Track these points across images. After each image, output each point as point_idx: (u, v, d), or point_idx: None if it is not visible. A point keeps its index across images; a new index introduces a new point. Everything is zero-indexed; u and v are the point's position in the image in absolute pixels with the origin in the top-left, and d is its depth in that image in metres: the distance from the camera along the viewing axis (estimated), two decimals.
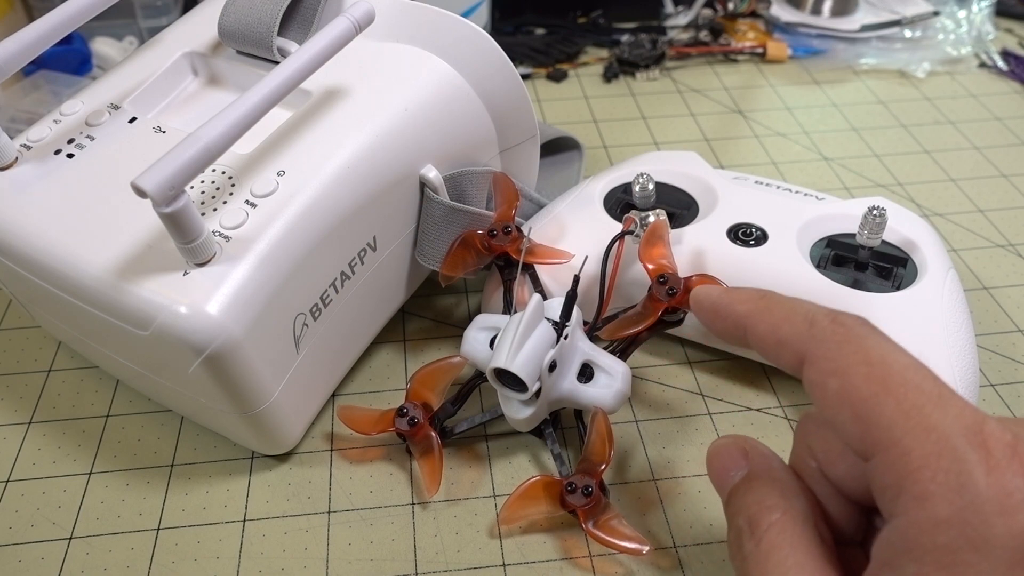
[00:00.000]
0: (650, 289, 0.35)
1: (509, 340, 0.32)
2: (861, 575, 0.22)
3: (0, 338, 0.43)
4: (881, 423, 0.20)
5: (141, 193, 0.27)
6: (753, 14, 0.71)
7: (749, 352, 0.41)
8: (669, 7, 0.71)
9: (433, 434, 0.35)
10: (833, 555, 0.22)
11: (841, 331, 0.22)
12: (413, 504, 0.36)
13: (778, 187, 0.43)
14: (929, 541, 0.19)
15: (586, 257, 0.37)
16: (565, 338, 0.34)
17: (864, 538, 0.25)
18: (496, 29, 0.68)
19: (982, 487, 0.18)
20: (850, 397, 0.21)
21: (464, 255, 0.38)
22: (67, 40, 0.45)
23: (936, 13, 0.68)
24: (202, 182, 0.33)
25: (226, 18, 0.37)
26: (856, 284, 0.38)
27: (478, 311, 0.44)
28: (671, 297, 0.35)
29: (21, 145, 0.36)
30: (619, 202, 0.43)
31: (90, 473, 0.37)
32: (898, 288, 0.38)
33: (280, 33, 0.37)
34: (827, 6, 0.69)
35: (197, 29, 0.40)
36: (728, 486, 0.25)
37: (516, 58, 0.65)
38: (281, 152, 0.34)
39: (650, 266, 0.36)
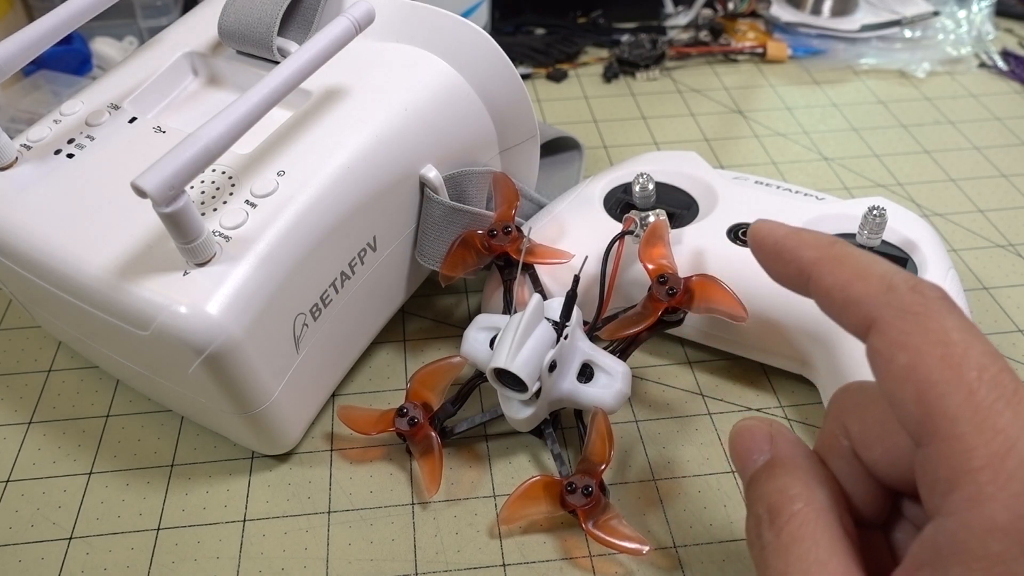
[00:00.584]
0: (650, 289, 0.35)
1: (509, 340, 0.32)
2: (882, 562, 0.21)
3: (0, 338, 0.43)
4: (947, 411, 0.19)
5: (141, 193, 0.27)
6: (753, 14, 0.71)
7: (749, 352, 0.41)
8: (669, 7, 0.71)
9: (433, 434, 0.35)
10: (856, 549, 0.21)
11: (920, 301, 0.20)
12: (413, 504, 0.36)
13: (778, 187, 0.43)
14: (980, 547, 0.18)
15: (586, 257, 0.37)
16: (565, 338, 0.34)
17: (887, 523, 0.24)
18: (496, 29, 0.68)
19: None
20: (918, 376, 0.19)
21: (464, 255, 0.38)
22: (67, 40, 0.45)
23: (936, 13, 0.68)
24: (202, 182, 0.33)
25: (226, 18, 0.37)
26: None
27: (478, 311, 0.44)
28: (671, 297, 0.35)
29: (21, 145, 0.36)
30: (619, 202, 0.43)
31: (90, 473, 0.37)
32: None
33: (280, 33, 0.37)
34: (827, 6, 0.69)
35: (197, 29, 0.40)
36: (750, 470, 0.23)
37: (516, 58, 0.65)
38: (281, 152, 0.34)
39: (650, 266, 0.36)
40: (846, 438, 0.23)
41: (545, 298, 0.36)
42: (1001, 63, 0.66)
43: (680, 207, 0.43)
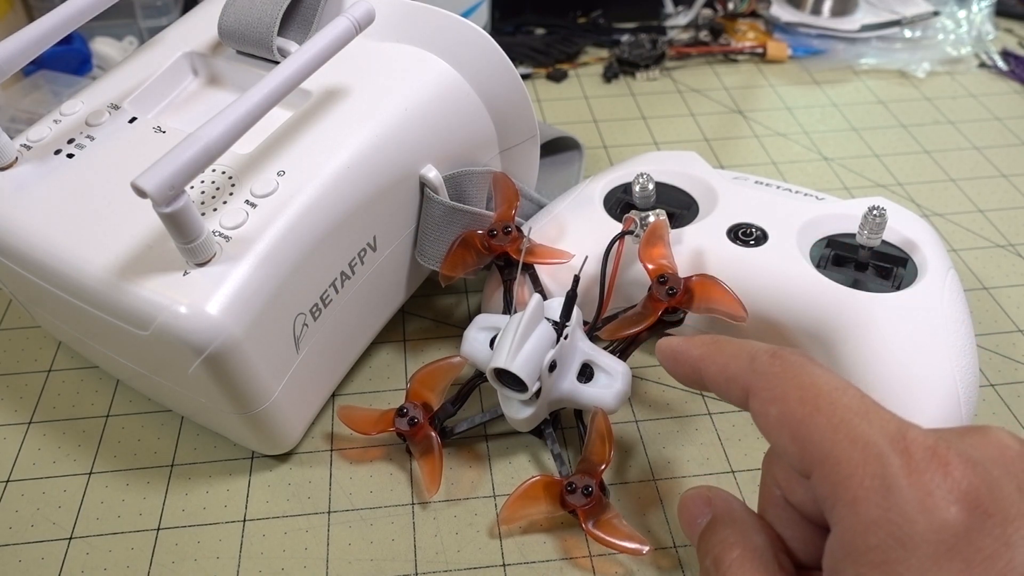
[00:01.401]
0: (650, 289, 0.35)
1: (509, 340, 0.32)
2: None
3: (0, 338, 0.43)
4: (814, 439, 0.21)
5: (141, 193, 0.27)
6: (753, 14, 0.71)
7: None
8: (669, 7, 0.71)
9: (433, 434, 0.35)
10: None
11: (779, 363, 0.23)
12: (413, 504, 0.36)
13: (778, 187, 0.43)
14: (862, 543, 0.20)
15: (586, 257, 0.37)
16: (565, 338, 0.34)
17: None
18: (496, 29, 0.68)
19: (904, 488, 0.19)
20: (787, 420, 0.22)
21: (464, 255, 0.38)
22: (67, 40, 0.45)
23: (936, 13, 0.68)
24: (202, 182, 0.33)
25: (226, 18, 0.37)
26: (856, 284, 0.38)
27: (478, 311, 0.44)
28: (671, 297, 0.35)
29: (21, 145, 0.36)
30: (619, 202, 0.43)
31: (90, 473, 0.37)
32: (898, 288, 0.38)
33: (280, 33, 0.37)
34: (827, 6, 0.69)
35: (197, 29, 0.40)
36: (696, 532, 0.26)
37: (516, 58, 0.65)
38: (281, 152, 0.34)
39: (650, 266, 0.36)
40: (777, 488, 0.25)
41: (545, 298, 0.36)
42: (1001, 63, 0.66)
43: (680, 207, 0.43)
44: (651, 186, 0.41)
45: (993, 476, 0.19)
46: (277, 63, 0.34)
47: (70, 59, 0.58)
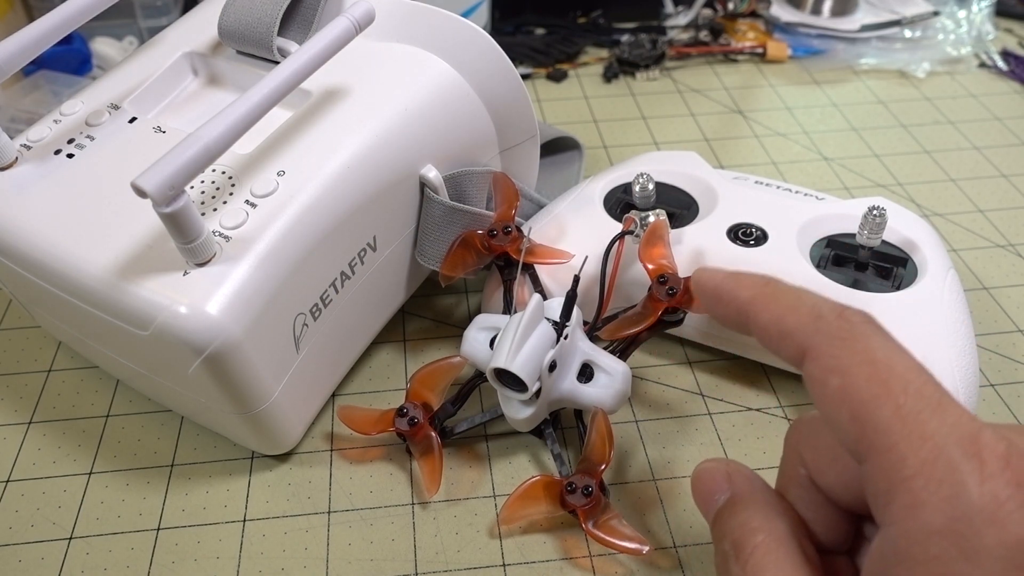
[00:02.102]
0: (650, 289, 0.35)
1: (509, 340, 0.32)
2: None
3: (0, 338, 0.43)
4: (878, 426, 0.20)
5: (141, 193, 0.27)
6: (753, 14, 0.71)
7: (749, 351, 0.41)
8: (669, 7, 0.71)
9: (433, 434, 0.35)
10: (818, 572, 0.22)
11: (847, 327, 0.21)
12: (413, 504, 0.36)
13: (778, 187, 0.43)
14: (921, 552, 0.19)
15: (586, 257, 0.37)
16: (565, 338, 0.34)
17: (852, 547, 0.25)
18: (496, 29, 0.68)
19: (975, 497, 0.18)
20: (850, 397, 0.20)
21: (464, 255, 0.38)
22: (67, 40, 0.45)
23: (936, 13, 0.68)
24: (202, 182, 0.33)
25: (226, 18, 0.37)
26: (856, 284, 0.38)
27: (478, 311, 0.44)
28: (671, 297, 0.35)
29: (21, 145, 0.36)
30: (619, 202, 0.43)
31: (90, 473, 0.37)
32: (898, 288, 0.38)
33: (280, 33, 0.37)
34: (827, 6, 0.69)
35: (197, 29, 0.40)
36: (713, 510, 0.25)
37: (516, 58, 0.65)
38: (281, 152, 0.34)
39: (650, 266, 0.36)
40: (803, 468, 0.24)
41: (545, 298, 0.36)
42: (1001, 63, 0.66)
43: (680, 207, 0.43)
44: (651, 186, 0.41)
45: None
46: (277, 63, 0.34)
47: (70, 59, 0.58)
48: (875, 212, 0.38)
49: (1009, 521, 0.18)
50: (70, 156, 0.35)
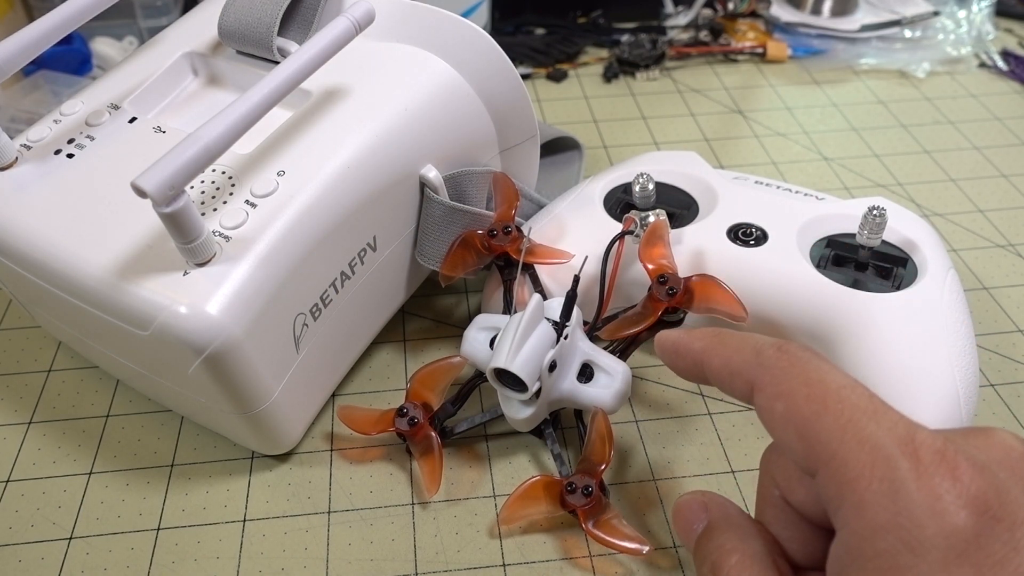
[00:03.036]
0: (650, 289, 0.35)
1: (509, 340, 0.32)
2: None
3: (0, 338, 0.43)
4: (821, 439, 0.21)
5: (141, 193, 0.27)
6: (753, 14, 0.71)
7: None
8: (669, 7, 0.71)
9: (433, 434, 0.35)
10: None
11: (785, 358, 0.23)
12: (413, 504, 0.36)
13: (778, 187, 0.43)
14: (869, 548, 0.19)
15: (586, 257, 0.37)
16: (565, 338, 0.34)
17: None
18: (496, 29, 0.68)
19: (913, 492, 0.19)
20: (794, 417, 0.22)
21: (464, 255, 0.38)
22: (67, 40, 0.45)
23: (936, 13, 0.68)
24: (202, 182, 0.33)
25: (226, 18, 0.37)
26: (856, 284, 0.38)
27: (478, 311, 0.44)
28: (671, 297, 0.35)
29: (21, 145, 0.36)
30: (619, 202, 0.43)
31: (90, 473, 0.37)
32: (898, 288, 0.38)
33: (280, 33, 0.37)
34: (827, 6, 0.69)
35: (197, 29, 0.40)
36: (693, 538, 0.26)
37: (516, 58, 0.65)
38: (281, 152, 0.34)
39: (650, 266, 0.36)
40: (776, 488, 0.25)
41: (545, 298, 0.36)
42: (1001, 63, 0.66)
43: (680, 207, 0.43)
44: (651, 186, 0.41)
45: (1000, 480, 0.19)
46: (277, 63, 0.34)
47: (70, 59, 0.58)
48: (875, 212, 0.38)
49: (947, 512, 0.19)
50: (70, 156, 0.35)
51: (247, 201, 0.32)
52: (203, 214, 0.32)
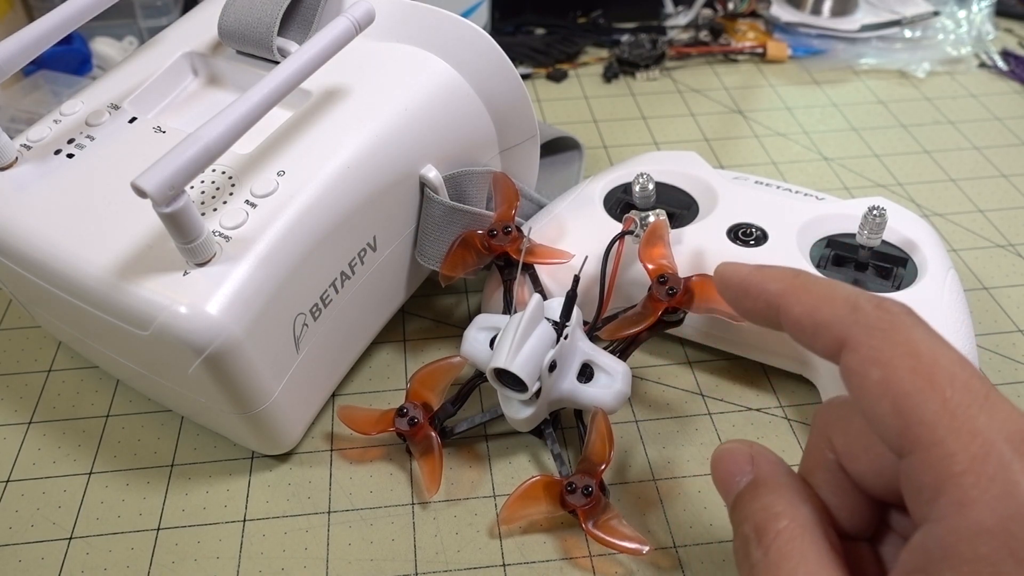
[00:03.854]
0: (650, 289, 0.35)
1: (509, 340, 0.32)
2: (870, 574, 0.21)
3: (0, 338, 0.43)
4: (924, 420, 0.19)
5: (141, 193, 0.27)
6: (753, 14, 0.71)
7: (749, 351, 0.41)
8: (669, 7, 0.71)
9: (433, 434, 0.35)
10: (843, 562, 0.22)
11: (887, 318, 0.21)
12: (413, 504, 0.36)
13: (778, 187, 0.43)
14: (969, 550, 0.18)
15: (586, 257, 0.37)
16: (565, 338, 0.34)
17: (874, 535, 0.24)
18: (496, 29, 0.68)
19: None
20: (892, 389, 0.20)
21: (464, 255, 0.38)
22: (67, 40, 0.45)
23: (936, 13, 0.68)
24: (202, 182, 0.33)
25: (226, 18, 0.37)
26: (856, 284, 0.38)
27: (478, 311, 0.44)
28: (671, 297, 0.35)
29: (21, 145, 0.36)
30: (619, 202, 0.43)
31: (90, 473, 0.37)
32: (898, 288, 0.38)
33: (280, 33, 0.37)
34: (827, 6, 0.69)
35: (197, 29, 0.40)
36: (733, 492, 0.24)
37: (516, 58, 0.65)
38: (281, 152, 0.34)
39: (650, 266, 0.36)
40: (831, 452, 0.23)
41: (545, 298, 0.36)
42: (1001, 63, 0.66)
43: (680, 207, 0.43)
44: (651, 186, 0.41)
45: None
46: (277, 63, 0.34)
47: (70, 59, 0.58)
48: (875, 212, 0.38)
49: None
50: (70, 156, 0.35)
51: (247, 201, 0.32)
52: (203, 214, 0.32)
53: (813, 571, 0.21)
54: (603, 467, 0.33)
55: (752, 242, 0.39)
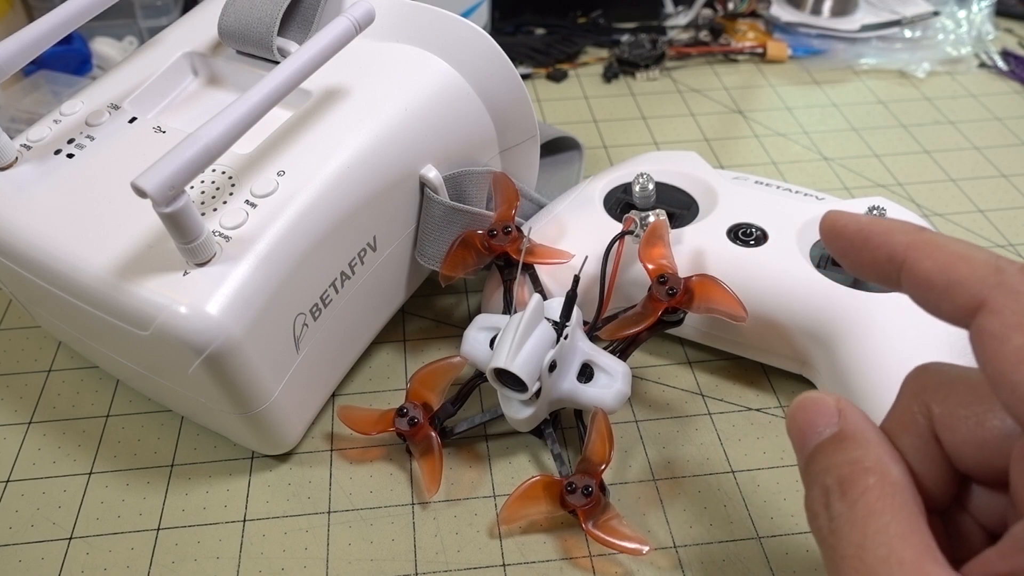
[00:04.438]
0: (650, 289, 0.35)
1: (509, 340, 0.32)
2: (942, 547, 0.20)
3: (0, 338, 0.43)
4: None
5: (141, 193, 0.27)
6: (753, 14, 0.71)
7: (749, 351, 0.41)
8: (669, 7, 0.71)
9: (433, 434, 0.35)
10: (930, 532, 0.20)
11: None
12: (413, 504, 0.36)
13: (778, 187, 0.43)
14: None
15: (586, 257, 0.37)
16: (565, 338, 0.34)
17: (948, 508, 0.23)
18: (496, 29, 0.68)
19: None
20: None
21: (464, 255, 0.38)
22: (67, 40, 0.45)
23: (936, 13, 0.68)
24: (202, 182, 0.33)
25: (226, 18, 0.37)
26: (856, 284, 0.38)
27: (478, 311, 0.44)
28: (671, 297, 0.35)
29: (21, 145, 0.36)
30: (619, 202, 0.43)
31: (90, 473, 0.37)
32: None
33: (280, 33, 0.37)
34: (827, 6, 0.69)
35: (197, 29, 0.40)
36: (814, 442, 0.22)
37: (516, 58, 0.65)
38: (281, 152, 0.34)
39: (650, 266, 0.36)
40: (925, 417, 0.22)
41: (545, 298, 0.36)
42: (1001, 63, 0.66)
43: (680, 207, 0.43)
44: (651, 186, 0.41)
45: None
46: (277, 63, 0.34)
47: (70, 59, 0.58)
48: (875, 212, 0.38)
49: None
50: (70, 156, 0.35)
51: (247, 201, 0.32)
52: (203, 214, 0.32)
53: (904, 532, 0.19)
54: (603, 467, 0.33)
55: (752, 242, 0.39)
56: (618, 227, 0.40)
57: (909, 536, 0.19)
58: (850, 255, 0.23)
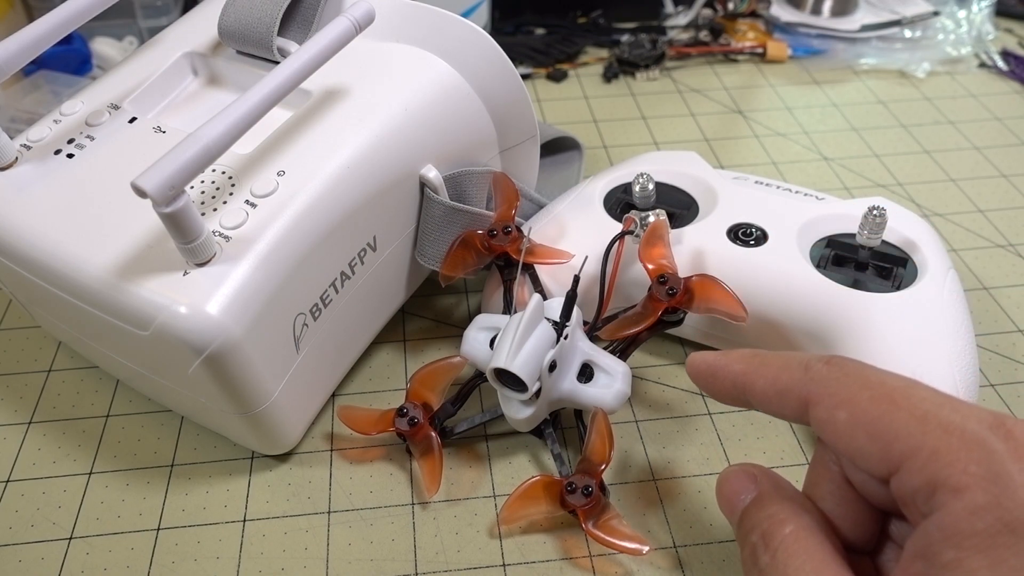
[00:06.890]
0: (650, 289, 0.35)
1: (509, 340, 0.32)
2: None
3: (0, 338, 0.43)
4: (899, 434, 0.21)
5: (141, 193, 0.27)
6: (753, 14, 0.71)
7: None
8: (669, 7, 0.71)
9: (433, 434, 0.35)
10: (846, 564, 0.23)
11: (836, 368, 0.23)
12: (413, 504, 0.36)
13: (778, 187, 0.43)
14: (968, 527, 0.20)
15: (586, 257, 0.37)
16: (565, 338, 0.34)
17: (875, 549, 0.25)
18: (496, 29, 0.68)
19: (1015, 473, 0.19)
20: (861, 421, 0.22)
21: (464, 255, 0.38)
22: (67, 40, 0.45)
23: (936, 13, 0.68)
24: (202, 182, 0.33)
25: (226, 18, 0.37)
26: (856, 284, 0.38)
27: (478, 311, 0.44)
28: (671, 297, 0.35)
29: (21, 145, 0.36)
30: (619, 202, 0.43)
31: (90, 473, 0.37)
32: (898, 288, 0.38)
33: (280, 33, 0.37)
34: (827, 6, 0.69)
35: (197, 29, 0.40)
36: (739, 509, 0.25)
37: (516, 58, 0.65)
38: (281, 152, 0.34)
39: (650, 266, 0.36)
40: (836, 464, 0.25)
41: (545, 298, 0.36)
42: (1001, 63, 0.66)
43: (680, 207, 0.43)
44: (651, 186, 0.41)
45: None
46: (277, 63, 0.34)
47: (70, 59, 0.58)
48: (875, 212, 0.38)
49: None
50: (70, 156, 0.35)
51: (247, 201, 0.32)
52: (203, 214, 0.32)
53: (818, 568, 0.22)
54: (603, 467, 0.33)
55: (752, 242, 0.39)
56: (618, 227, 0.40)
57: (823, 571, 0.22)
58: (708, 389, 0.27)
